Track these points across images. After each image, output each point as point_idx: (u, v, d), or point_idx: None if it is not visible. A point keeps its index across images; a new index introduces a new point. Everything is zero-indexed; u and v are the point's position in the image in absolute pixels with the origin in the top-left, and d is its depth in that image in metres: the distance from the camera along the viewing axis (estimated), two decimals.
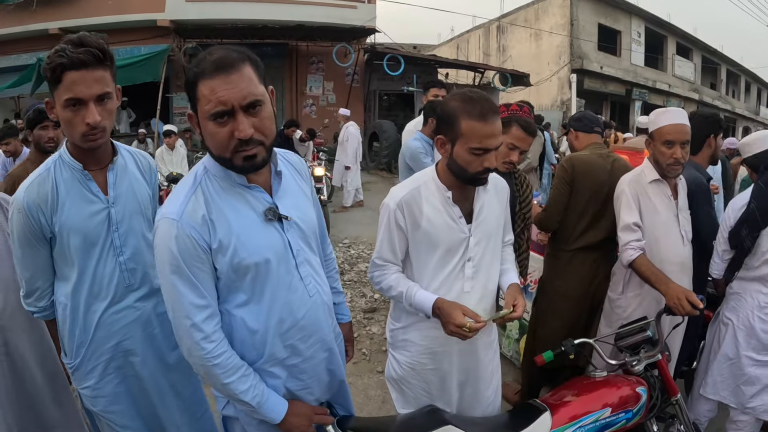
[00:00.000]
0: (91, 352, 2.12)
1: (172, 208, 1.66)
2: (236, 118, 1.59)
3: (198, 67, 1.59)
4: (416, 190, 2.28)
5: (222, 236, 1.67)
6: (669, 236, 3.05)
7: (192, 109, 1.67)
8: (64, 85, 1.91)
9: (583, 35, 24.15)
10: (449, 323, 2.12)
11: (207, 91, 1.56)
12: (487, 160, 2.10)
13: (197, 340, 1.67)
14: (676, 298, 2.66)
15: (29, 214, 1.96)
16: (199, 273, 1.66)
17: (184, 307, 1.66)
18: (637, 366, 2.59)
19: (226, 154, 1.63)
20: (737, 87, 37.77)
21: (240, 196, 1.74)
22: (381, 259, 2.38)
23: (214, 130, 1.60)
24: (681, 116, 2.97)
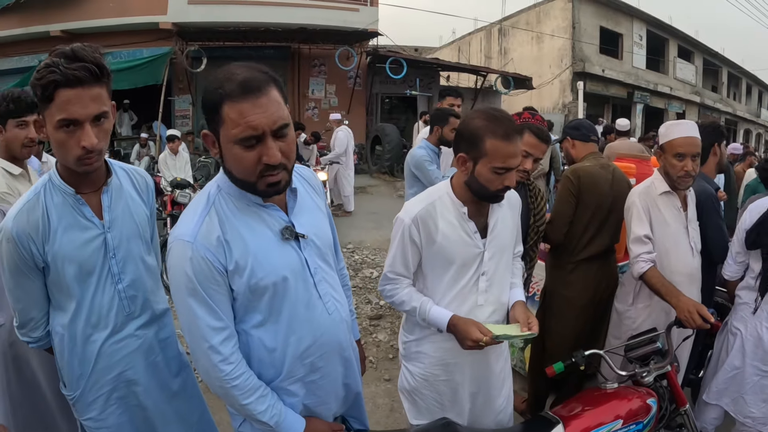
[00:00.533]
0: (91, 383, 2.03)
1: (185, 229, 1.63)
2: (266, 143, 1.55)
3: (223, 88, 1.53)
4: (431, 206, 2.28)
5: (238, 257, 1.64)
6: (678, 248, 3.06)
7: (211, 129, 1.61)
8: (57, 104, 1.75)
9: (584, 38, 24.12)
10: (467, 339, 2.15)
11: (235, 114, 1.51)
12: (507, 179, 2.13)
13: (215, 362, 1.65)
14: (687, 312, 2.67)
15: (19, 244, 1.84)
16: (215, 295, 1.64)
17: (201, 330, 1.64)
18: (647, 377, 2.60)
19: (251, 178, 1.60)
20: (738, 90, 37.74)
21: (255, 215, 1.71)
22: (393, 273, 2.40)
23: (241, 154, 1.56)
24: (692, 129, 2.98)
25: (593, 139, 3.68)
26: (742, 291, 3.17)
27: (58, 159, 1.92)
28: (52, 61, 1.73)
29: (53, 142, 1.83)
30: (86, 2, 15.61)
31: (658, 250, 3.01)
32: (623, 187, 3.47)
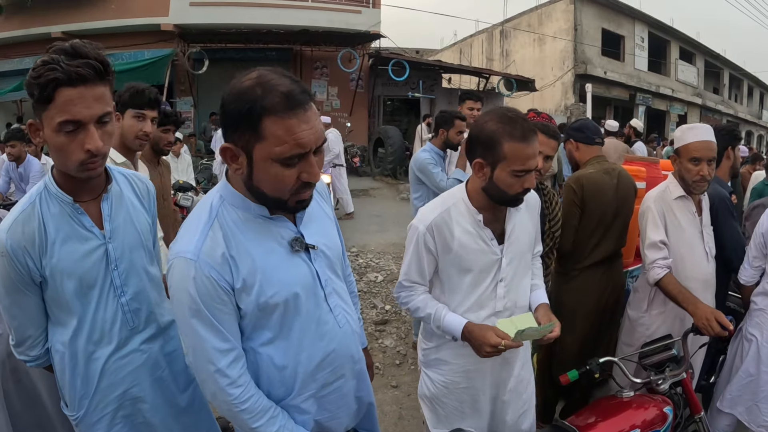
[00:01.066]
0: (95, 403, 1.91)
1: (187, 246, 1.50)
2: (308, 161, 1.45)
3: (263, 101, 1.38)
4: (446, 212, 2.24)
5: (246, 274, 1.53)
6: (694, 253, 3.03)
7: (238, 143, 1.45)
8: (57, 105, 1.61)
9: (586, 40, 24.15)
10: (484, 345, 2.11)
11: (281, 131, 1.38)
12: (527, 181, 2.07)
13: (223, 386, 1.55)
14: (705, 319, 2.64)
15: (14, 258, 1.70)
16: (221, 315, 1.52)
17: (206, 353, 1.53)
18: (662, 385, 2.57)
19: (285, 195, 1.50)
20: (740, 91, 37.81)
21: (262, 227, 1.59)
22: (408, 281, 2.36)
23: (281, 173, 1.44)
24: (708, 133, 2.94)
25: (598, 142, 3.59)
26: (758, 297, 3.13)
27: (57, 165, 1.77)
28: (51, 58, 1.59)
29: (52, 146, 1.69)
30: (87, 4, 15.63)
31: (673, 255, 2.97)
32: (629, 192, 3.44)
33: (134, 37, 15.78)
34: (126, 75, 14.10)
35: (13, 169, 6.20)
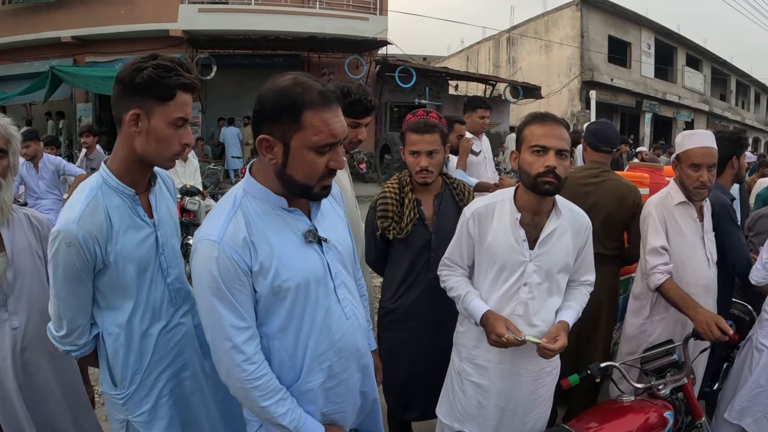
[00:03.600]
0: (146, 376, 2.05)
1: (212, 230, 1.65)
2: (337, 150, 1.68)
3: (303, 96, 1.60)
4: (492, 205, 2.41)
5: (263, 258, 1.66)
6: (695, 259, 3.02)
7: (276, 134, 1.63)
8: (176, 104, 1.87)
9: (593, 47, 24.15)
10: (491, 333, 2.22)
11: (319, 122, 1.60)
12: (547, 160, 2.19)
13: (238, 362, 1.65)
14: (705, 324, 2.64)
15: (84, 247, 1.83)
16: (239, 295, 1.65)
17: (224, 329, 1.64)
18: (663, 390, 2.57)
19: (312, 182, 1.69)
20: (747, 98, 37.69)
21: (280, 218, 1.74)
22: (449, 260, 2.55)
23: (315, 160, 1.65)
24: (708, 139, 2.95)
25: (604, 150, 3.58)
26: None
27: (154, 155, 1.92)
28: (173, 66, 1.85)
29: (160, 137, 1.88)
30: (97, 9, 15.78)
31: (674, 261, 2.96)
32: (610, 199, 3.41)
33: (143, 43, 15.88)
34: None
35: (29, 169, 6.26)
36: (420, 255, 2.83)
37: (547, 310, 2.39)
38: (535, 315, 2.35)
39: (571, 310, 2.44)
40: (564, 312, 2.42)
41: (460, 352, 2.53)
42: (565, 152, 2.24)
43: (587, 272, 2.55)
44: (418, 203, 2.84)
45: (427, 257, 2.81)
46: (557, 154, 2.20)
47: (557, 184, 2.21)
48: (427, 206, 2.87)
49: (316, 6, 16.40)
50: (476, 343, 2.43)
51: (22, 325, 2.24)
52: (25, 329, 2.26)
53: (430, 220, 2.84)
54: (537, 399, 2.48)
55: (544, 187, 2.21)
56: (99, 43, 16.35)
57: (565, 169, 2.23)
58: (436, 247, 2.76)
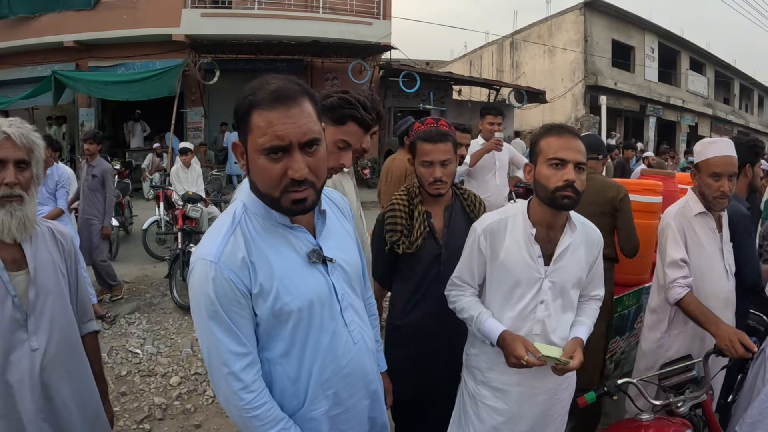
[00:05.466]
0: None
1: (209, 249, 1.55)
2: (292, 155, 1.49)
3: (254, 96, 1.48)
4: (504, 221, 2.35)
5: (263, 280, 1.56)
6: (713, 271, 2.96)
7: (240, 139, 1.56)
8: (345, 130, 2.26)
9: (596, 51, 24.11)
10: (510, 356, 2.16)
11: (263, 123, 1.46)
12: (566, 174, 2.13)
13: (236, 389, 1.55)
14: (729, 341, 2.56)
15: None
16: (237, 318, 1.55)
17: (221, 355, 1.55)
18: (682, 407, 2.51)
19: (275, 193, 1.52)
20: (750, 101, 37.67)
21: (282, 236, 1.63)
22: (459, 279, 2.47)
23: (266, 165, 1.49)
24: (728, 147, 2.88)
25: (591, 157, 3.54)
26: None
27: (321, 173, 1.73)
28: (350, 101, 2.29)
29: None
30: (100, 13, 15.79)
31: (693, 273, 2.90)
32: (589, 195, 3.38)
33: (146, 47, 15.96)
34: (138, 85, 14.22)
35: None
36: (429, 269, 2.71)
37: (563, 328, 2.33)
38: (553, 333, 2.29)
39: (584, 326, 2.40)
40: (577, 328, 2.37)
41: (474, 375, 2.46)
42: (583, 165, 2.18)
43: (597, 287, 2.51)
44: (428, 215, 2.74)
45: (437, 271, 2.69)
46: (575, 168, 2.14)
47: (575, 198, 2.15)
48: (437, 218, 2.76)
49: (319, 11, 16.35)
50: (491, 365, 2.37)
51: (42, 346, 2.11)
52: (45, 350, 2.12)
53: (440, 233, 2.73)
54: (552, 416, 2.43)
55: (562, 201, 2.15)
56: (101, 48, 16.33)
57: (582, 183, 2.17)
58: (446, 261, 2.66)
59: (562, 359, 2.12)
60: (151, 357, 5.32)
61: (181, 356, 5.34)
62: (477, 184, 5.46)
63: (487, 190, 5.35)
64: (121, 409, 4.35)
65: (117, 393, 4.56)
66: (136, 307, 6.72)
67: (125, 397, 4.53)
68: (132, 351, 5.44)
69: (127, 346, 5.53)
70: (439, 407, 2.77)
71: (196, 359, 5.26)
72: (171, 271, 6.88)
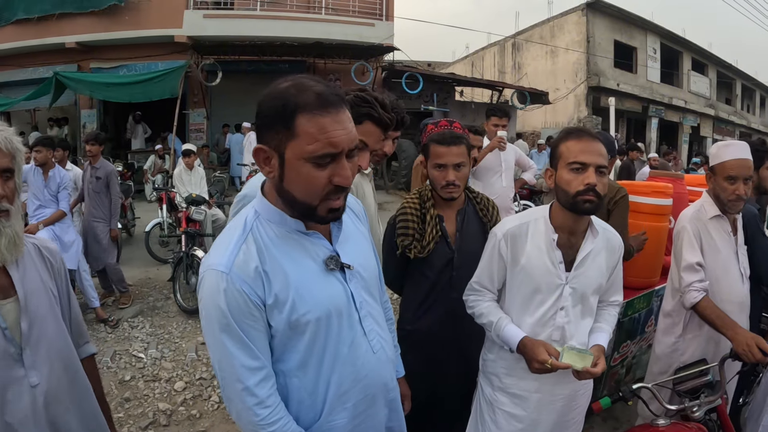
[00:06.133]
0: None
1: (219, 258, 1.47)
2: (341, 162, 1.43)
3: (297, 98, 1.38)
4: (525, 225, 2.31)
5: (278, 290, 1.48)
6: (729, 275, 2.94)
7: (272, 144, 1.44)
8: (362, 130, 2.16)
9: (599, 52, 24.07)
10: (532, 361, 2.13)
11: (314, 128, 1.37)
12: (587, 177, 2.10)
13: (250, 405, 1.48)
14: (746, 345, 2.55)
15: None
16: (251, 331, 1.47)
17: (235, 370, 1.47)
18: (697, 412, 2.47)
19: (315, 201, 1.45)
20: (752, 102, 37.63)
21: (297, 243, 1.55)
22: (479, 284, 2.44)
23: (312, 173, 1.41)
24: (744, 150, 2.86)
25: None
26: None
27: None
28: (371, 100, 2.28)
29: None
30: (101, 15, 15.76)
31: (708, 277, 2.88)
32: None
33: (148, 49, 15.93)
34: (140, 86, 14.19)
35: (36, 175, 6.12)
36: (442, 274, 2.68)
37: (582, 334, 2.31)
38: (572, 339, 2.26)
39: (604, 333, 2.37)
40: (597, 335, 2.34)
41: (491, 381, 2.43)
42: (604, 168, 2.14)
43: (616, 292, 2.48)
44: (440, 219, 2.70)
45: (449, 276, 2.66)
46: (596, 171, 2.11)
47: (597, 203, 2.11)
48: (450, 222, 2.73)
49: (322, 12, 16.33)
50: (509, 371, 2.35)
51: (43, 381, 1.88)
52: (47, 385, 1.89)
53: (453, 238, 2.70)
54: (569, 421, 2.42)
55: (584, 206, 2.12)
56: (103, 49, 16.31)
57: (604, 186, 2.13)
58: (458, 266, 2.64)
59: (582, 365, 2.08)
60: (155, 362, 5.28)
61: (185, 361, 5.31)
62: (483, 185, 5.41)
63: (493, 192, 5.29)
64: (125, 415, 4.31)
65: (120, 398, 4.52)
66: (140, 311, 6.68)
67: (129, 403, 4.49)
68: (135, 355, 5.40)
69: (131, 351, 5.50)
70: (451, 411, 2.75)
71: (201, 364, 5.22)
72: (174, 274, 6.83)
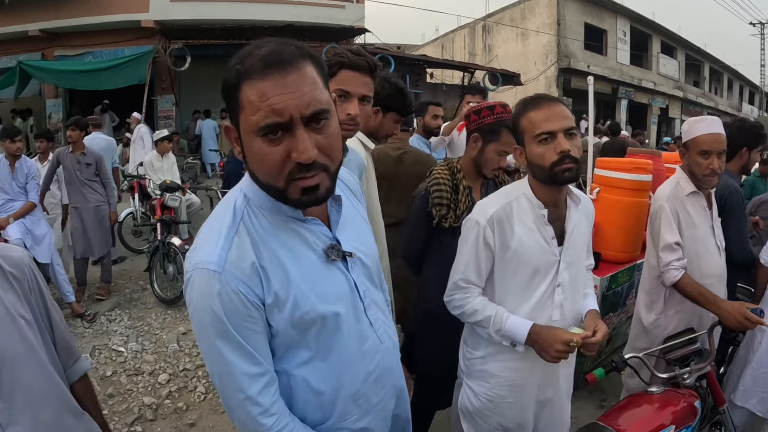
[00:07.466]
0: None
1: (209, 255, 1.28)
2: (295, 134, 1.21)
3: (242, 64, 1.20)
4: (508, 206, 2.14)
5: (278, 287, 1.32)
6: (707, 249, 2.99)
7: (232, 120, 1.29)
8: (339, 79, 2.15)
9: (569, 34, 24.26)
10: (555, 344, 1.99)
11: (255, 96, 1.18)
12: (558, 145, 1.97)
13: (254, 415, 1.34)
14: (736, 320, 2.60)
15: None
16: (251, 335, 1.32)
17: (235, 379, 1.32)
18: (688, 379, 2.52)
19: (279, 183, 1.26)
20: (720, 84, 38.33)
21: (294, 232, 1.38)
22: (464, 281, 2.21)
23: (264, 149, 1.22)
24: (716, 125, 2.88)
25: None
26: None
27: None
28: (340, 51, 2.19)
29: None
30: (66, 1, 15.31)
31: (688, 254, 2.92)
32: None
33: (114, 35, 15.54)
34: (106, 73, 13.87)
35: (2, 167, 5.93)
36: None
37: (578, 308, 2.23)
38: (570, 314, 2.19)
39: (591, 296, 2.32)
40: (587, 300, 2.29)
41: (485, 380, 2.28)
42: (573, 130, 2.01)
43: (590, 255, 2.40)
44: (471, 190, 2.72)
45: None
46: (566, 135, 1.98)
47: (576, 168, 1.99)
48: (476, 193, 2.77)
49: None
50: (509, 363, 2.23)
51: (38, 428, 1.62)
52: None
53: None
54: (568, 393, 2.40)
55: (564, 175, 1.99)
56: (68, 36, 15.87)
57: (579, 149, 2.00)
58: None
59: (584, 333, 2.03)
60: (136, 355, 5.14)
61: (167, 352, 5.19)
62: None
63: None
64: (110, 411, 4.18)
65: (104, 395, 4.39)
66: (117, 304, 6.52)
67: (113, 399, 4.37)
68: (115, 349, 5.26)
69: (110, 345, 5.34)
70: None
71: (184, 355, 5.12)
72: (150, 264, 6.68)
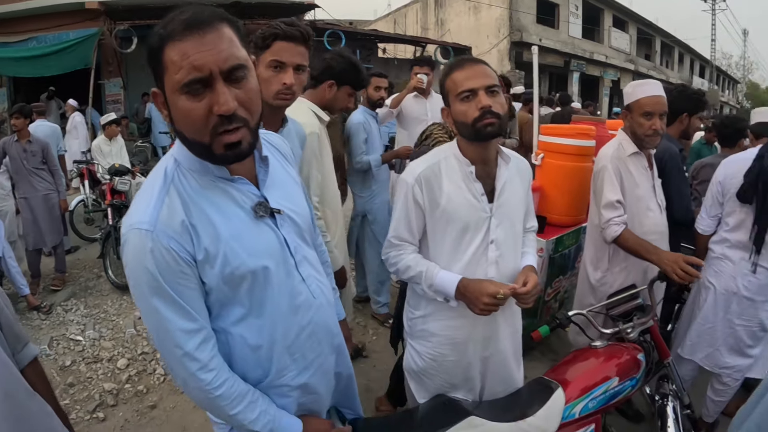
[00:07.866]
0: None
1: (141, 215, 1.34)
2: (215, 88, 1.28)
3: (165, 29, 1.28)
4: (436, 165, 2.16)
5: (208, 244, 1.38)
6: (649, 207, 3.09)
7: (157, 84, 1.34)
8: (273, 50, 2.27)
9: (522, 8, 24.38)
10: (481, 297, 2.02)
11: (177, 55, 1.26)
12: (479, 101, 2.01)
13: (193, 371, 1.40)
14: (672, 263, 2.68)
15: None
16: (184, 291, 1.37)
17: (172, 335, 1.37)
18: (631, 333, 2.60)
19: (204, 138, 1.32)
20: (671, 58, 39.10)
21: (222, 191, 1.45)
22: (397, 238, 2.26)
23: (188, 105, 1.28)
24: (658, 88, 3.01)
25: None
26: (715, 245, 3.23)
27: None
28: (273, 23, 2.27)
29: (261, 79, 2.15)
30: None
31: (630, 212, 3.02)
32: None
33: (57, 18, 14.94)
34: (52, 58, 13.44)
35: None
36: None
37: (516, 267, 2.25)
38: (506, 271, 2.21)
39: (530, 254, 2.36)
40: (525, 257, 2.32)
41: (426, 339, 2.32)
42: (495, 88, 2.04)
43: (532, 218, 2.45)
44: None
45: None
46: (488, 92, 2.02)
47: (499, 123, 2.03)
48: None
49: None
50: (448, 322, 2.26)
51: None
52: None
53: None
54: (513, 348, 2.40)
55: (486, 130, 2.02)
56: (8, 22, 15.20)
57: (502, 106, 2.04)
58: None
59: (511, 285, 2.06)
60: (94, 342, 5.06)
61: (125, 338, 5.12)
62: (408, 134, 5.39)
63: None
64: (71, 401, 4.12)
65: (64, 385, 4.32)
66: (72, 293, 6.39)
67: (73, 388, 4.30)
68: (73, 339, 5.16)
69: (68, 335, 5.24)
70: None
71: (141, 339, 5.07)
72: (104, 250, 6.54)
